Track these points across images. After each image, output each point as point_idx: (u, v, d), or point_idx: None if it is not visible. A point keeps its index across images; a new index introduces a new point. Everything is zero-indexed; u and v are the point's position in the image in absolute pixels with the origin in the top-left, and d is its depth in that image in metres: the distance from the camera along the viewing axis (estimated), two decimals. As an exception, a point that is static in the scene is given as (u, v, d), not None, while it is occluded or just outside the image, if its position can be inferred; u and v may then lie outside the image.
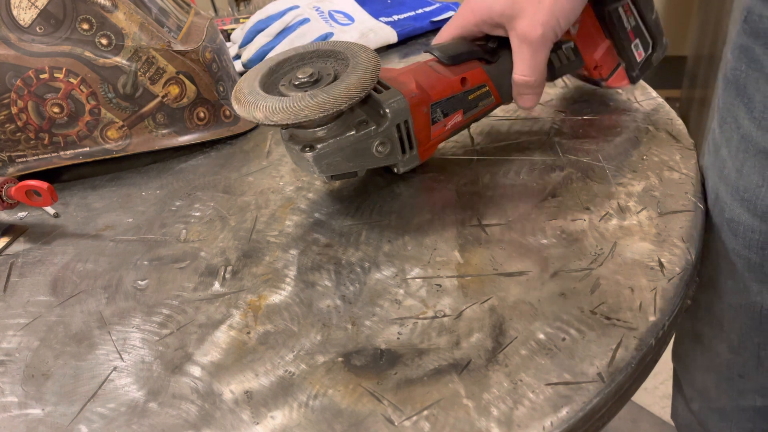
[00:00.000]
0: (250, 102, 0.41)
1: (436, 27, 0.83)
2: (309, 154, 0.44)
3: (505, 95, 0.51)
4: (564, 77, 0.61)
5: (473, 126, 0.58)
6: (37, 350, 0.40)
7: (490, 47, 0.50)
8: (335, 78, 0.43)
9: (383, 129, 0.45)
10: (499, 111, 0.60)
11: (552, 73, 0.53)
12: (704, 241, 0.47)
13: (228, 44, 0.82)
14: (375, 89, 0.46)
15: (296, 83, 0.43)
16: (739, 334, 0.48)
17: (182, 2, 0.66)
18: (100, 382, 0.37)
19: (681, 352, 0.59)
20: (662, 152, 0.51)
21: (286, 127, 0.43)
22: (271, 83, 0.45)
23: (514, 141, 0.55)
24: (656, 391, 1.25)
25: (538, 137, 0.55)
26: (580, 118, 0.57)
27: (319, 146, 0.44)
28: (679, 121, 0.55)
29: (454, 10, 0.84)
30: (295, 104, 0.40)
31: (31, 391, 0.37)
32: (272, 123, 0.40)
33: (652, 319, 0.36)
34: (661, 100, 0.59)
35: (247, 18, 0.85)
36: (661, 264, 0.40)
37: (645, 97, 0.60)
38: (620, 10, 0.53)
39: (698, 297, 0.52)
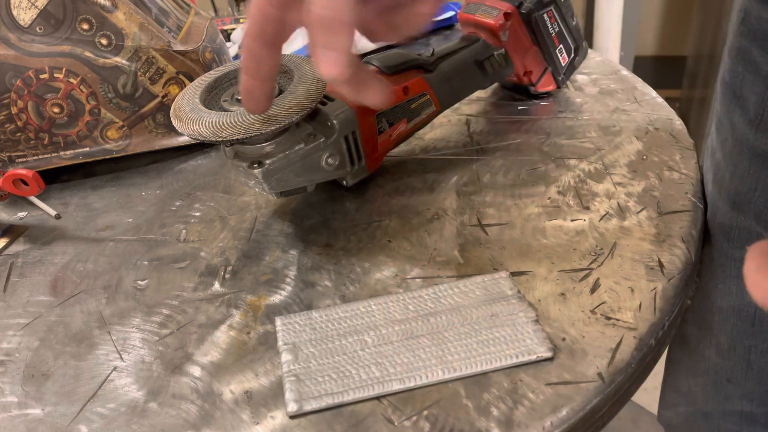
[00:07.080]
0: (193, 119, 0.39)
1: (436, 27, 0.83)
2: (257, 171, 0.42)
3: (444, 102, 0.53)
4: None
5: (473, 126, 0.58)
6: (37, 350, 0.40)
7: (428, 57, 0.52)
8: (280, 91, 0.42)
9: (332, 141, 0.44)
10: (499, 112, 0.60)
11: (485, 79, 0.56)
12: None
13: (228, 44, 0.82)
14: (320, 101, 0.45)
15: (239, 98, 0.42)
16: (729, 337, 0.48)
17: (182, 2, 0.66)
18: (100, 382, 0.37)
19: (667, 355, 0.58)
20: (662, 152, 0.51)
21: (232, 143, 0.42)
22: (211, 99, 0.43)
23: (513, 141, 0.55)
24: (656, 391, 1.24)
25: (538, 137, 0.55)
26: (579, 118, 0.58)
27: (267, 162, 0.42)
28: (679, 121, 0.55)
29: (455, 10, 0.84)
30: (245, 118, 0.38)
31: (31, 391, 0.37)
32: (220, 139, 0.38)
33: (652, 319, 0.36)
34: (661, 100, 0.59)
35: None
36: (661, 264, 0.40)
37: (645, 97, 0.60)
38: (545, 16, 0.56)
39: None
